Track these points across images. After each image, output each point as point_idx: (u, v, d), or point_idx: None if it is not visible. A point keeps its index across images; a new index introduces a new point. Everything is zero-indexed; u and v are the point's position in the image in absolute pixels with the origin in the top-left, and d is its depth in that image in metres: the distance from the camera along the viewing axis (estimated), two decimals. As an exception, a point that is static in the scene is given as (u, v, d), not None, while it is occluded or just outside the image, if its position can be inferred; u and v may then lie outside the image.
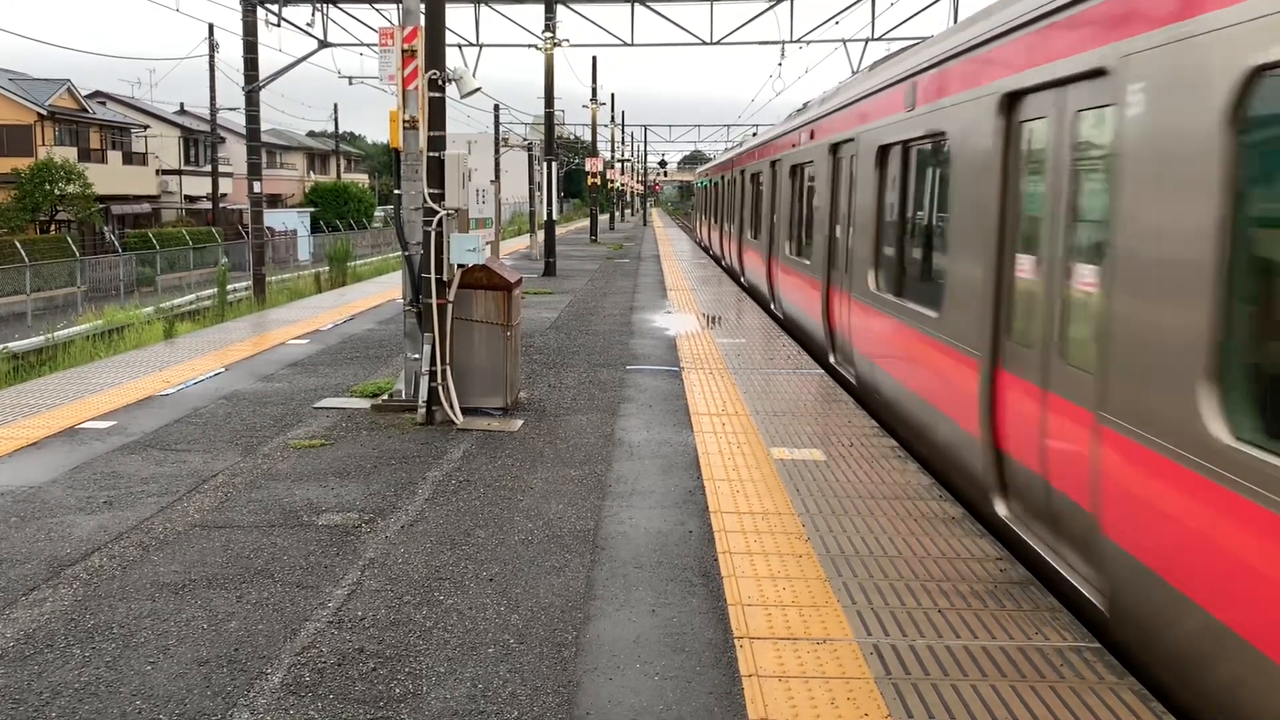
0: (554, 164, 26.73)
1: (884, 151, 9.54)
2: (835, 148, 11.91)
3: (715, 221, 32.82)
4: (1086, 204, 5.29)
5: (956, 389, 6.92)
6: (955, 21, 23.13)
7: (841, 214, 11.47)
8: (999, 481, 6.29)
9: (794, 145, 14.99)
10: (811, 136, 13.38)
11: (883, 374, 9.10)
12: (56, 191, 39.97)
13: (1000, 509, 6.25)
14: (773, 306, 17.68)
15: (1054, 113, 5.63)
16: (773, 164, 17.72)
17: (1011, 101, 6.20)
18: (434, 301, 9.14)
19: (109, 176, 47.46)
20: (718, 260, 32.01)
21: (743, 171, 23.34)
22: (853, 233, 10.65)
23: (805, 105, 15.88)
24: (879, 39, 25.88)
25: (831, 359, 11.98)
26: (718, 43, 26.45)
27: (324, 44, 25.32)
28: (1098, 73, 5.02)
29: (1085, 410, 5.04)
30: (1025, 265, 6.02)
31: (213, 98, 46.51)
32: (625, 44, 26.97)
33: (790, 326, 15.49)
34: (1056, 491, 5.43)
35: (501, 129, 54.52)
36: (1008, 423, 6.13)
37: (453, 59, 9.66)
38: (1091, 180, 5.23)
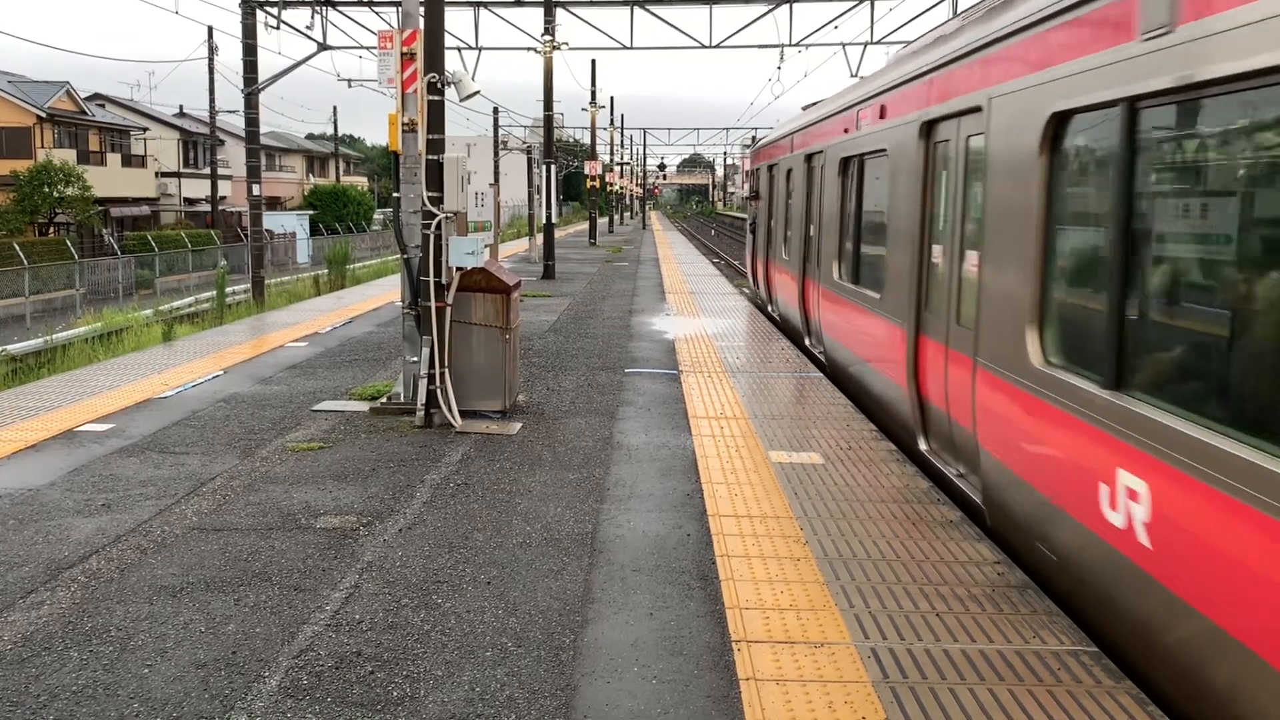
0: (553, 167, 26.74)
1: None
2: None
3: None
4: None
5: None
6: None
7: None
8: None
9: None
10: None
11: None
12: (55, 194, 39.94)
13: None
14: None
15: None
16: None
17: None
18: (433, 304, 9.14)
19: (108, 179, 47.43)
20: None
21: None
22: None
23: None
24: (878, 42, 25.92)
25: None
26: (717, 46, 26.49)
27: (323, 47, 25.33)
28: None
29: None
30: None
31: (212, 100, 46.53)
32: (624, 47, 27.00)
33: None
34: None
35: (501, 132, 54.59)
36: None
37: (452, 62, 9.66)
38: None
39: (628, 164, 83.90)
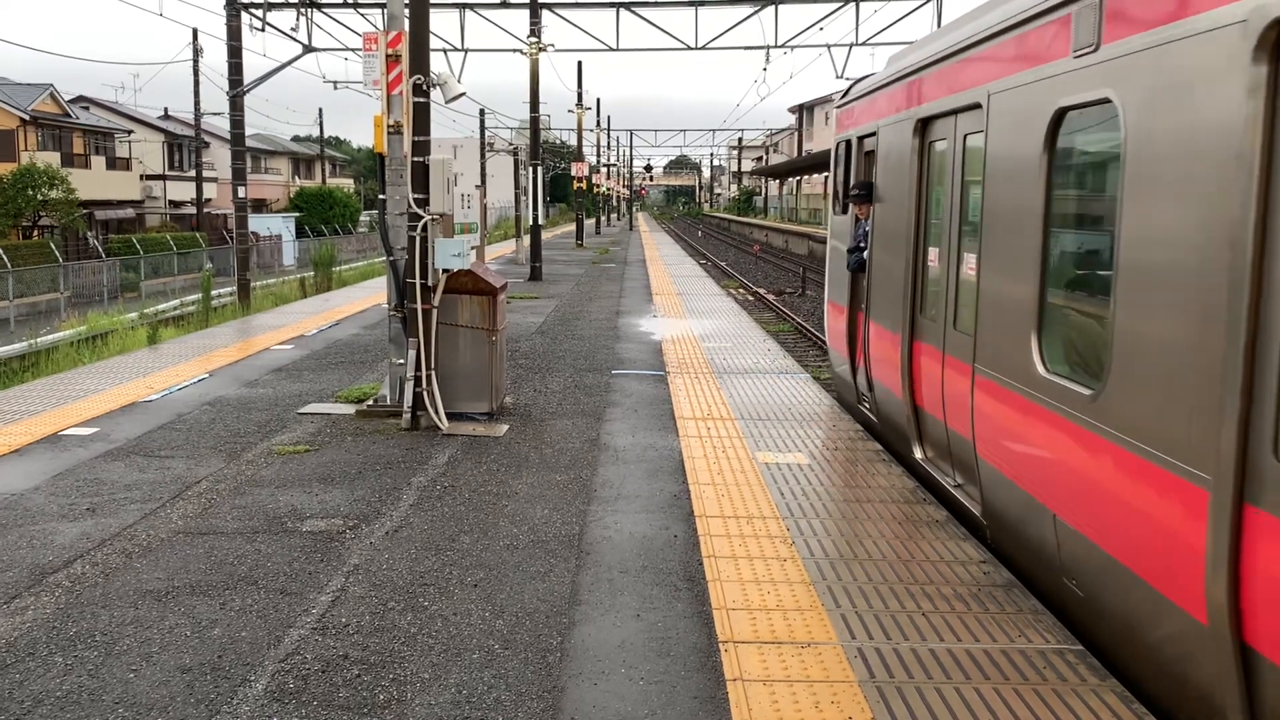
0: (539, 169, 26.72)
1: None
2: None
3: None
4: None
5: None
6: (939, 25, 23.23)
7: None
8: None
9: None
10: None
11: None
12: (39, 197, 39.68)
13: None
14: None
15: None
16: None
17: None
18: (419, 307, 9.13)
19: (92, 182, 47.18)
20: None
21: None
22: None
23: None
24: (863, 44, 25.99)
25: None
26: (703, 48, 26.51)
27: (308, 49, 25.26)
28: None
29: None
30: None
31: (197, 103, 46.35)
32: (610, 49, 27.01)
33: None
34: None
35: (487, 133, 54.51)
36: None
37: (437, 64, 9.67)
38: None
39: (614, 165, 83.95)
